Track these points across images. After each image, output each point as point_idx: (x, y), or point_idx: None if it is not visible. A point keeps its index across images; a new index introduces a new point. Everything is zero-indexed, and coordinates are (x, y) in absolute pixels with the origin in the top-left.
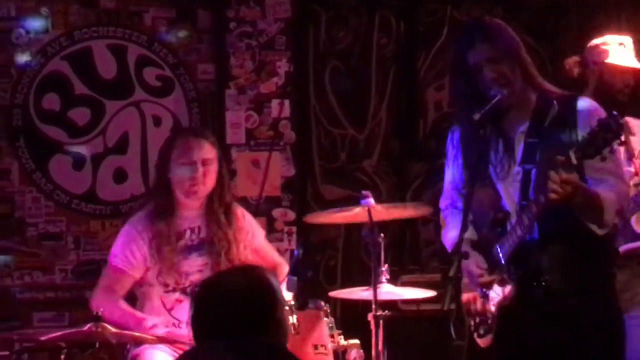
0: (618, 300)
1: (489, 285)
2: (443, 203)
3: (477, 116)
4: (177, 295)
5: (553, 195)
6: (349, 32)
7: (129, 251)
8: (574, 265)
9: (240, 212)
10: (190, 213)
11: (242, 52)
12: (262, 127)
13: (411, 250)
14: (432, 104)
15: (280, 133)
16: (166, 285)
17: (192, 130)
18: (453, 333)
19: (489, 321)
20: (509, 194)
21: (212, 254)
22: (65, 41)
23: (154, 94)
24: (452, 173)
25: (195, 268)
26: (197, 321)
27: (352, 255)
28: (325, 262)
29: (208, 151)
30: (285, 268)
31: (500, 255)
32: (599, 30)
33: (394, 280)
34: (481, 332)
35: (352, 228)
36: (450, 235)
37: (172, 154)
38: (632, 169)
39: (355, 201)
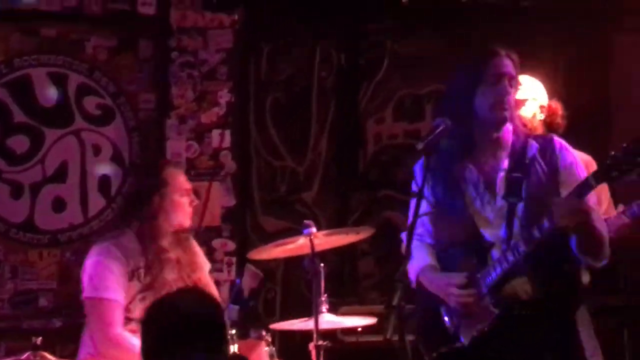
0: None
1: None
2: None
3: (420, 145)
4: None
5: (564, 222)
6: (290, 64)
7: (117, 281)
8: (558, 298)
9: None
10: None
11: (183, 82)
12: (202, 157)
13: (350, 282)
14: (372, 136)
15: (221, 163)
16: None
17: (175, 162)
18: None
19: None
20: (491, 226)
21: (182, 276)
22: (5, 68)
23: (94, 123)
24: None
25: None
26: (150, 345)
27: (291, 288)
28: (264, 294)
29: None
30: None
31: (484, 283)
32: None
33: (333, 311)
34: None
35: (291, 260)
36: (416, 264)
37: (168, 186)
38: None
39: (296, 232)
